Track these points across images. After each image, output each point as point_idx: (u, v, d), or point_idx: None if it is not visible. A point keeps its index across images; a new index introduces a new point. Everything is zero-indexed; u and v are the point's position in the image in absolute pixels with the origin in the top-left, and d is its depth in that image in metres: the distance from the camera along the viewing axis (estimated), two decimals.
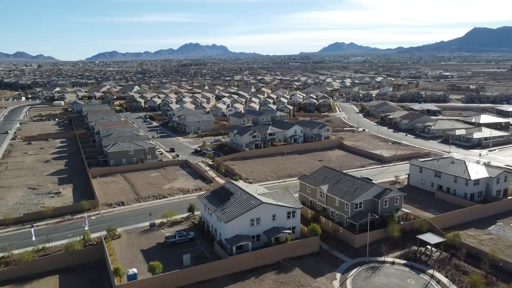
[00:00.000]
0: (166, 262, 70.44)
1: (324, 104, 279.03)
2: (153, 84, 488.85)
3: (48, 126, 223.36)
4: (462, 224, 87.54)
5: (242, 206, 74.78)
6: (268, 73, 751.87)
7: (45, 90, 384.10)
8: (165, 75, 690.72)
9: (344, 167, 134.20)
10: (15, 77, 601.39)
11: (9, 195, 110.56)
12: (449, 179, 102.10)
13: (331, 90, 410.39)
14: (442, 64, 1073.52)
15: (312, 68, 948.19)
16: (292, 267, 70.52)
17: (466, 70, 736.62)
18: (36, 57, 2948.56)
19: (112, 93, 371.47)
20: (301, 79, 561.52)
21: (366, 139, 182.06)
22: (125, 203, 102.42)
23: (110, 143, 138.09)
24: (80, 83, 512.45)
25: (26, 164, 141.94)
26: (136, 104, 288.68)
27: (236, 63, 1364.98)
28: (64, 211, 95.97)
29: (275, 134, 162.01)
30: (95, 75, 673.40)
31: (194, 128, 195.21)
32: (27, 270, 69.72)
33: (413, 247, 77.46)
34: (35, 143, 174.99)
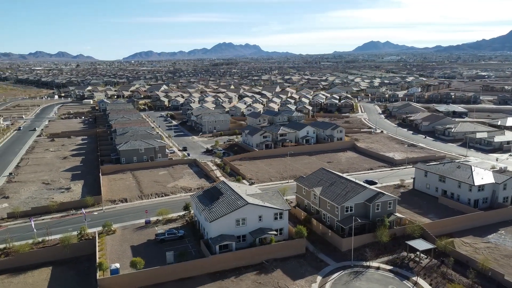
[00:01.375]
0: (152, 259, 72.72)
1: (345, 104, 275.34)
2: (181, 83, 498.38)
3: (74, 124, 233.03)
4: (461, 231, 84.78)
5: (228, 206, 75.85)
6: (297, 72, 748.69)
7: (78, 89, 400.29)
8: (195, 74, 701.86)
9: (352, 169, 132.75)
10: (52, 76, 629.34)
11: (23, 189, 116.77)
12: (453, 184, 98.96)
13: (357, 90, 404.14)
14: (482, 63, 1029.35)
15: (343, 67, 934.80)
16: (274, 268, 70.91)
17: (506, 70, 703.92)
18: (77, 57, 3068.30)
19: (140, 92, 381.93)
20: (329, 79, 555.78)
21: (382, 141, 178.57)
22: (128, 200, 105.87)
23: (122, 141, 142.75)
24: (112, 82, 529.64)
25: (46, 160, 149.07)
26: (160, 103, 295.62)
27: (267, 63, 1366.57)
28: (69, 206, 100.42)
29: (286, 135, 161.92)
30: (128, 74, 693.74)
31: (210, 127, 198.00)
32: (23, 261, 73.80)
33: (403, 253, 75.94)
34: (58, 140, 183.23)
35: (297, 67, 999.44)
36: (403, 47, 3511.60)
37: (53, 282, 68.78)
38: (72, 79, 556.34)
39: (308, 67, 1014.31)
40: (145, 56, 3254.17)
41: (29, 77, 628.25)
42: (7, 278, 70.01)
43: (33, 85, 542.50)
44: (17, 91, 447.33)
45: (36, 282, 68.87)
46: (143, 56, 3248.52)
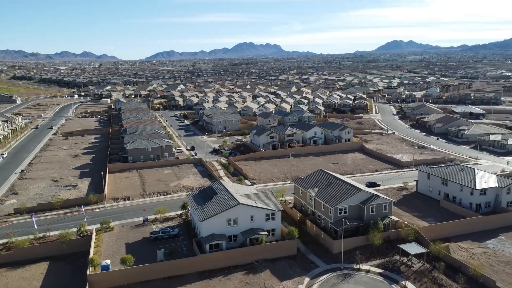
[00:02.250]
0: (145, 256, 74.24)
1: (359, 105, 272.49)
2: (198, 83, 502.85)
3: (89, 122, 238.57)
4: (459, 236, 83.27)
5: (220, 206, 76.64)
6: (316, 72, 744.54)
7: (97, 89, 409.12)
8: (213, 74, 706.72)
9: (357, 171, 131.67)
10: (74, 76, 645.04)
11: (33, 186, 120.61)
12: (455, 188, 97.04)
13: (374, 90, 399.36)
14: (509, 63, 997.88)
15: (363, 67, 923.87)
16: (262, 268, 71.28)
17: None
18: (100, 57, 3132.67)
19: (157, 91, 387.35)
20: (347, 79, 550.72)
21: (392, 142, 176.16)
22: (130, 198, 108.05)
23: (130, 140, 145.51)
24: (131, 81, 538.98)
25: (57, 158, 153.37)
26: (174, 103, 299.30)
27: (287, 62, 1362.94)
28: (73, 203, 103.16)
29: (293, 135, 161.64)
30: (147, 74, 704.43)
31: (220, 127, 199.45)
32: (22, 256, 76.40)
33: (395, 257, 75.07)
34: (72, 139, 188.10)
35: (316, 66, 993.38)
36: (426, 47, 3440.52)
37: (48, 276, 71.00)
38: (93, 79, 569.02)
39: (327, 66, 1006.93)
40: (167, 55, 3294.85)
41: (52, 76, 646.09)
42: (6, 271, 72.64)
43: (56, 84, 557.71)
44: (39, 90, 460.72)
45: (33, 276, 71.25)
46: (165, 56, 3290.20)
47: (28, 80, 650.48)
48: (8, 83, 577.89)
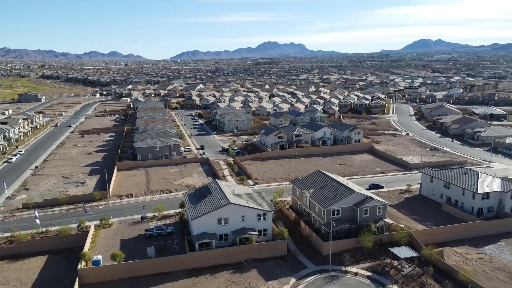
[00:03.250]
0: (137, 252, 76.07)
1: (376, 105, 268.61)
2: (218, 82, 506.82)
3: (106, 121, 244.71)
4: (456, 240, 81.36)
5: (212, 205, 77.64)
6: (338, 72, 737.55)
7: (119, 88, 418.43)
8: (234, 73, 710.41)
9: (362, 172, 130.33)
10: (99, 75, 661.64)
11: (44, 182, 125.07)
12: (458, 191, 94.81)
13: (395, 90, 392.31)
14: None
15: (387, 67, 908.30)
16: (250, 268, 71.83)
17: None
18: (127, 56, 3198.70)
19: (176, 91, 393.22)
20: (368, 78, 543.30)
21: (405, 143, 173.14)
22: (134, 195, 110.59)
23: (140, 138, 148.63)
24: (152, 81, 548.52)
25: (71, 155, 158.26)
26: (191, 102, 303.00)
27: (310, 62, 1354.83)
28: (78, 199, 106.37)
29: (302, 136, 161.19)
30: (169, 73, 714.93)
31: (232, 126, 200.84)
32: (23, 249, 79.54)
33: (386, 260, 74.19)
34: (87, 137, 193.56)
35: (339, 66, 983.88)
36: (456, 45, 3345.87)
37: (45, 269, 73.75)
38: (116, 78, 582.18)
39: (350, 66, 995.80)
40: (191, 55, 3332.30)
41: (77, 76, 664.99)
42: (6, 263, 75.88)
43: (81, 83, 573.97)
44: (64, 89, 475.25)
45: (30, 268, 74.16)
46: (190, 55, 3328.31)
47: (55, 79, 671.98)
48: (36, 82, 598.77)
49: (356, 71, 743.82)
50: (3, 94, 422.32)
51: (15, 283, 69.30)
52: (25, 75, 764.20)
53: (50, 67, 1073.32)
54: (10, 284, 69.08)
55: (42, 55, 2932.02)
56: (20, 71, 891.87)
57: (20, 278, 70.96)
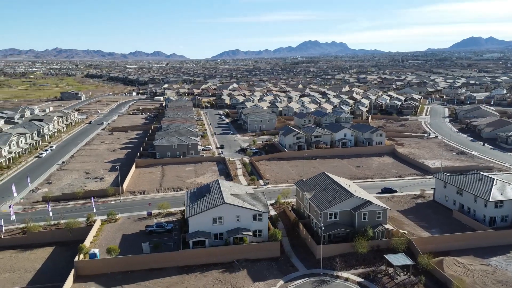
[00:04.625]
0: (135, 248, 78.51)
1: (408, 106, 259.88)
2: (253, 82, 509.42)
3: (137, 119, 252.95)
4: (462, 250, 77.69)
5: (208, 204, 78.70)
6: (377, 71, 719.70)
7: (155, 87, 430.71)
8: (270, 73, 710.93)
9: (378, 176, 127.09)
10: (139, 74, 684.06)
11: (66, 176, 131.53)
12: (470, 198, 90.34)
13: (432, 91, 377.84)
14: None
15: (431, 66, 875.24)
16: (240, 268, 72.20)
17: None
18: (170, 56, 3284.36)
19: (209, 90, 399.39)
20: (407, 78, 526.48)
21: (431, 147, 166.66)
22: (145, 192, 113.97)
23: (160, 137, 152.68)
24: (189, 80, 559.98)
25: (97, 151, 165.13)
26: (221, 101, 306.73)
27: (350, 61, 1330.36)
28: (93, 194, 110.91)
29: (321, 137, 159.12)
30: (206, 72, 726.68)
31: (255, 126, 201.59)
32: (33, 240, 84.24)
33: (382, 267, 72.11)
34: (116, 134, 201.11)
35: (380, 65, 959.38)
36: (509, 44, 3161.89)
37: (49, 259, 77.82)
38: (155, 77, 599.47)
39: (391, 65, 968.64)
40: (232, 54, 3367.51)
41: (118, 75, 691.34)
42: (16, 253, 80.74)
43: (121, 82, 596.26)
44: (105, 88, 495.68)
45: (36, 258, 78.50)
46: (230, 54, 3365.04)
47: (98, 78, 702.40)
48: (81, 81, 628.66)
49: (396, 71, 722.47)
50: (48, 92, 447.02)
51: (20, 272, 73.62)
52: (71, 74, 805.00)
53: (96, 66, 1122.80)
54: (15, 272, 73.47)
55: (91, 55, 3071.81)
56: (68, 70, 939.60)
57: (26, 267, 75.30)
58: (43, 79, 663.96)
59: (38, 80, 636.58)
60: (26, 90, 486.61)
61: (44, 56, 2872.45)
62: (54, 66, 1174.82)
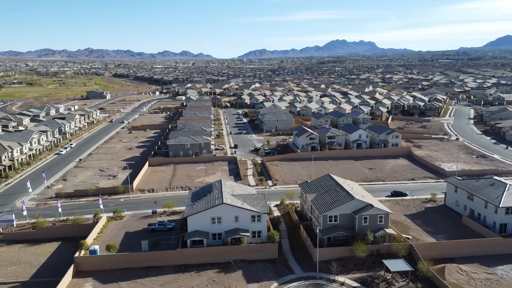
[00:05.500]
0: (135, 245, 79.74)
1: (430, 107, 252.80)
2: (275, 81, 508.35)
3: (157, 118, 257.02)
4: (468, 257, 74.89)
5: (207, 204, 79.05)
6: (404, 71, 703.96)
7: (178, 86, 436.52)
8: (294, 72, 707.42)
9: (390, 178, 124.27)
10: (165, 74, 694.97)
11: (81, 174, 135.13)
12: (480, 204, 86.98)
13: (460, 91, 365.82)
14: None
15: (461, 65, 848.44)
16: (237, 269, 72.14)
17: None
18: (197, 55, 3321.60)
19: (231, 89, 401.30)
20: (435, 78, 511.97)
21: (450, 149, 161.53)
22: (154, 190, 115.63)
23: (173, 136, 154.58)
24: (212, 80, 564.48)
25: (114, 150, 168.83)
26: (241, 101, 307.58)
27: (377, 60, 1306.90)
28: (104, 191, 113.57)
29: (335, 138, 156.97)
30: (230, 72, 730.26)
31: (271, 126, 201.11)
32: (41, 235, 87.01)
33: (380, 272, 70.44)
34: (134, 133, 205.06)
35: (408, 65, 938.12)
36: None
37: (54, 254, 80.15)
38: (179, 77, 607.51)
39: (420, 65, 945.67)
40: (259, 54, 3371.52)
41: (144, 74, 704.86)
42: (24, 247, 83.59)
43: (147, 81, 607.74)
44: (130, 87, 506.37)
45: (42, 252, 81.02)
46: (257, 54, 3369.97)
47: (125, 77, 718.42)
48: (108, 80, 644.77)
49: (424, 70, 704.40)
50: (76, 91, 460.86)
51: (25, 265, 76.18)
52: (100, 73, 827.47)
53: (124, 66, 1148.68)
54: (21, 266, 76.07)
55: (121, 55, 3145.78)
56: (97, 70, 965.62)
57: (31, 260, 77.83)
58: (72, 78, 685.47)
59: (68, 79, 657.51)
60: (56, 89, 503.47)
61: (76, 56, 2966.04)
62: (85, 66, 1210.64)
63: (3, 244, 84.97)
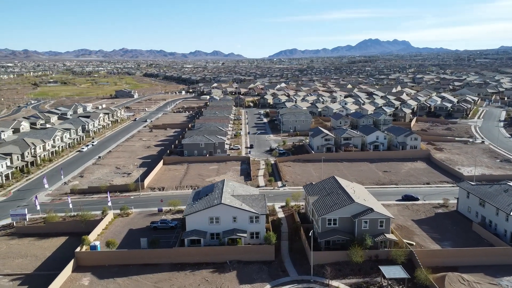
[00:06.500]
0: (136, 242, 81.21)
1: (458, 109, 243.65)
2: (302, 81, 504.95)
3: (179, 117, 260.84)
4: (473, 266, 71.70)
5: (205, 204, 79.45)
6: (437, 71, 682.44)
7: (205, 86, 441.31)
8: (322, 72, 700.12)
9: (405, 182, 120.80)
10: (194, 74, 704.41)
11: (98, 171, 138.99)
12: (492, 211, 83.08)
13: (493, 92, 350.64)
14: None
15: (499, 65, 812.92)
16: (231, 269, 72.13)
17: None
18: (228, 55, 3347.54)
19: (255, 89, 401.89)
20: (469, 78, 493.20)
21: (473, 152, 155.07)
22: (164, 189, 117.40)
23: (189, 135, 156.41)
24: (239, 79, 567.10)
25: (132, 148, 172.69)
26: (264, 101, 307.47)
27: (410, 60, 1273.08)
28: (116, 188, 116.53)
29: (351, 139, 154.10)
30: (258, 72, 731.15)
31: (289, 126, 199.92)
32: (50, 229, 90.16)
33: (377, 278, 68.56)
34: (155, 131, 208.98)
35: (442, 64, 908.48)
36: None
37: (60, 248, 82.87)
38: (206, 76, 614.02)
39: (455, 64, 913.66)
40: (289, 54, 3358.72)
41: (173, 74, 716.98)
42: (33, 240, 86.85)
43: (175, 81, 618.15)
44: (159, 87, 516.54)
45: (49, 246, 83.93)
46: (287, 54, 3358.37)
47: (154, 77, 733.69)
48: (138, 80, 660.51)
49: (459, 70, 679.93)
50: (107, 90, 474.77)
51: (31, 258, 79.14)
52: (131, 73, 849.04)
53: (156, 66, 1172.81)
54: (27, 259, 79.08)
55: (154, 55, 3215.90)
56: (129, 69, 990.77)
57: (37, 254, 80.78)
58: (105, 78, 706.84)
59: (100, 78, 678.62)
60: (88, 88, 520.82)
61: (112, 56, 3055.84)
62: (119, 66, 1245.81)
63: (15, 237, 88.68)
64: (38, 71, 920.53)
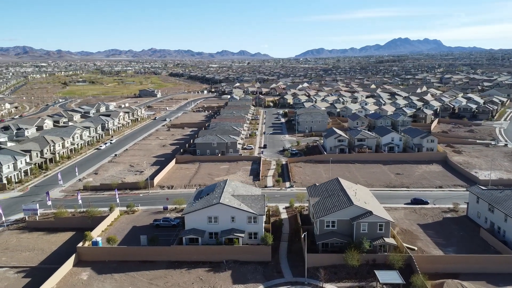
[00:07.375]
0: (138, 239, 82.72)
1: (484, 110, 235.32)
2: (325, 81, 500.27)
3: (198, 116, 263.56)
4: (475, 274, 69.26)
5: (204, 203, 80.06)
6: (467, 70, 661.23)
7: (227, 85, 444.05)
8: (347, 72, 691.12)
9: (416, 185, 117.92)
10: (218, 73, 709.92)
11: (112, 168, 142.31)
12: (500, 217, 79.93)
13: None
14: None
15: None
16: (227, 269, 72.41)
17: None
18: (254, 55, 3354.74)
19: (277, 89, 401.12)
20: (500, 78, 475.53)
21: (493, 156, 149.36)
22: (173, 187, 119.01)
23: (202, 135, 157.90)
24: (262, 79, 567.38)
25: (148, 146, 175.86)
26: (283, 101, 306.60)
27: (440, 59, 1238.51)
28: (126, 186, 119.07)
29: (365, 140, 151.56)
30: (282, 72, 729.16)
31: (306, 127, 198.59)
32: (59, 224, 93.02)
33: (373, 283, 67.25)
34: (173, 130, 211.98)
35: (474, 64, 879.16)
36: None
37: (66, 242, 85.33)
38: (230, 76, 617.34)
39: (488, 64, 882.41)
40: (316, 53, 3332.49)
41: (197, 74, 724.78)
42: (42, 234, 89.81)
43: (199, 81, 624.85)
44: (183, 86, 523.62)
45: (56, 241, 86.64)
46: (314, 53, 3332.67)
47: (179, 77, 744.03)
48: (163, 79, 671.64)
49: (491, 70, 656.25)
50: (132, 89, 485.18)
51: (37, 252, 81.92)
52: (158, 72, 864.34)
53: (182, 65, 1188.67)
54: (34, 252, 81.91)
55: (181, 55, 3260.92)
56: (156, 69, 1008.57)
57: (44, 248, 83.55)
58: (132, 77, 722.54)
59: (127, 78, 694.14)
60: (114, 87, 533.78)
61: (140, 56, 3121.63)
62: (146, 65, 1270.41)
63: (25, 231, 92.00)
64: (69, 70, 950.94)
